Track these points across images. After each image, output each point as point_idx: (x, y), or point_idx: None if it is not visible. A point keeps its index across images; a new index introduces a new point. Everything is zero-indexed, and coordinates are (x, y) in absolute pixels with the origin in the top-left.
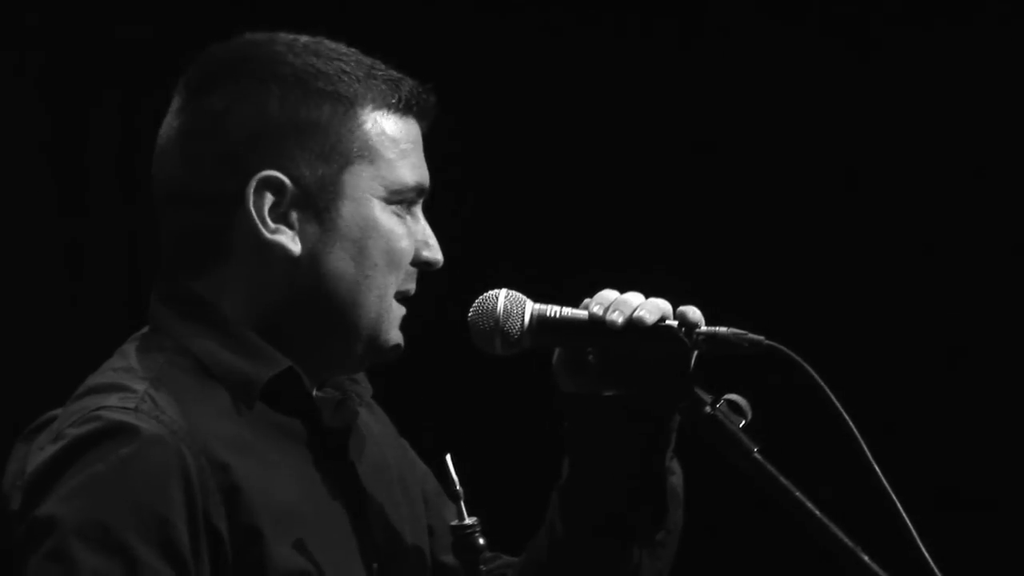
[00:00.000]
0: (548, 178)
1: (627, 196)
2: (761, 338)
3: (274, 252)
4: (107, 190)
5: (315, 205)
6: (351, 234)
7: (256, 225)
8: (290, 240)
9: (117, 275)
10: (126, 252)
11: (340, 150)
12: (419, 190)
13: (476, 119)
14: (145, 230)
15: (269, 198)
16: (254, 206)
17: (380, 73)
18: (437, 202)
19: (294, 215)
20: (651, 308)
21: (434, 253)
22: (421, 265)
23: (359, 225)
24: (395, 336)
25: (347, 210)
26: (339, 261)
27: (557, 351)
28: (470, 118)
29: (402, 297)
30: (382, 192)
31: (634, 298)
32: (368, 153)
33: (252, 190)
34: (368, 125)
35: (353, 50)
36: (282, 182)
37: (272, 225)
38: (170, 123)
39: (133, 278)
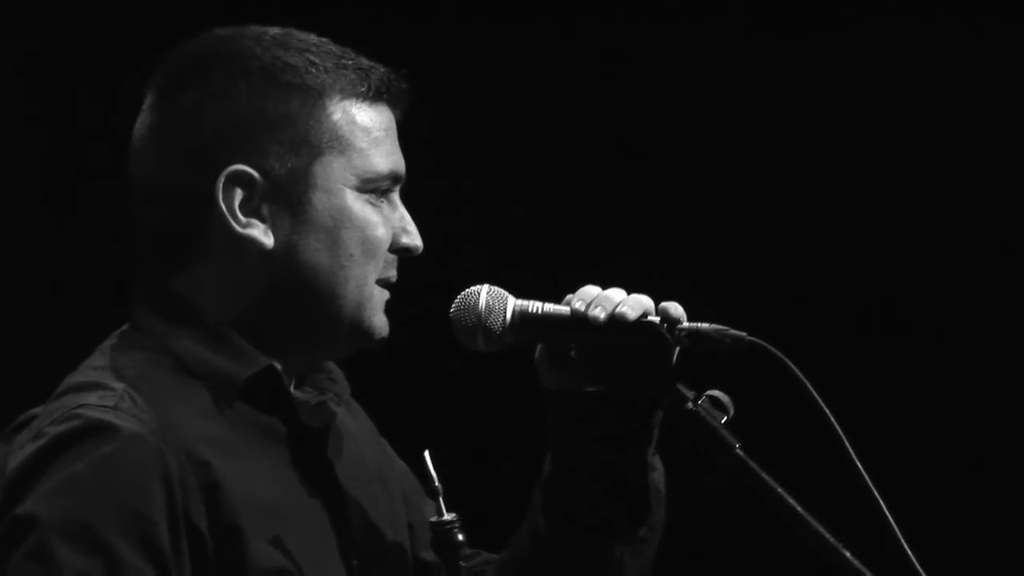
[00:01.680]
0: (530, 174)
1: (610, 193)
2: (743, 334)
3: (247, 246)
4: (92, 186)
5: (287, 198)
6: (325, 225)
7: (227, 220)
8: (262, 234)
9: (100, 272)
10: (109, 249)
11: (310, 142)
12: (394, 177)
13: (468, 115)
14: (128, 227)
15: (239, 193)
16: (224, 201)
17: (349, 62)
18: (421, 194)
19: (266, 209)
20: (633, 304)
21: (413, 239)
22: (400, 252)
23: (332, 215)
24: (379, 322)
25: (320, 201)
26: (314, 252)
27: (539, 347)
28: (460, 112)
29: (384, 284)
30: (354, 181)
31: (616, 294)
32: (338, 143)
33: (221, 185)
34: (337, 115)
35: (324, 40)
36: (252, 176)
37: (243, 219)
38: (143, 121)
39: (116, 275)
